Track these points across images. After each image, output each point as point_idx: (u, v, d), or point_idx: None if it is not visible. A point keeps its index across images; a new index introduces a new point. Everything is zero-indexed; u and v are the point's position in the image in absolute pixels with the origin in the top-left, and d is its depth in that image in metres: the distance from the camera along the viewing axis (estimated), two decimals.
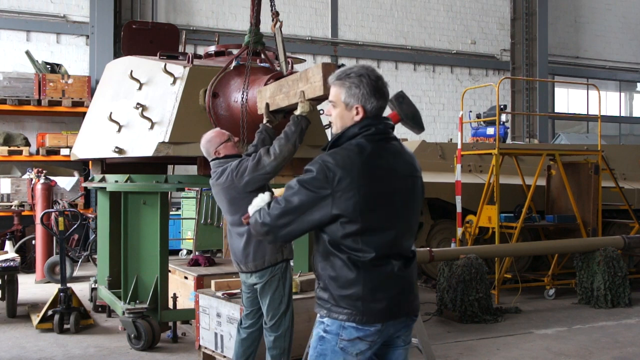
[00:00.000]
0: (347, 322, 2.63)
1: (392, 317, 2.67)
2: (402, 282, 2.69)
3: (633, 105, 21.51)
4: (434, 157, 9.43)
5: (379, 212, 2.63)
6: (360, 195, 2.58)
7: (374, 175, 2.63)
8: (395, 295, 2.66)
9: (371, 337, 2.65)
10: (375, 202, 2.62)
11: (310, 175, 2.60)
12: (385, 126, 2.73)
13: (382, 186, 2.65)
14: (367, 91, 2.69)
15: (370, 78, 2.70)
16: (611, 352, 6.09)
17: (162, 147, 5.77)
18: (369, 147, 2.65)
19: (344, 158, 2.61)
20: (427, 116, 17.20)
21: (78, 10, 13.54)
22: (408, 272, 2.72)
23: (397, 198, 2.70)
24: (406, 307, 2.72)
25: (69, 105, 11.99)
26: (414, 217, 2.80)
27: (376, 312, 2.62)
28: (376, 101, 2.71)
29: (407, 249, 2.75)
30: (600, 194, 8.89)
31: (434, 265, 8.74)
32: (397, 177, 2.71)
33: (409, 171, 2.77)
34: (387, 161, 2.69)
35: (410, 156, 2.82)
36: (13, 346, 6.20)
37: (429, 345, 5.14)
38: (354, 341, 2.64)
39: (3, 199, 11.16)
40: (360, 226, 2.60)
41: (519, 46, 18.15)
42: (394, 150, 2.74)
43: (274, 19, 5.44)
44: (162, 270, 6.14)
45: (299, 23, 15.75)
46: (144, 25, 8.89)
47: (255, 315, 4.57)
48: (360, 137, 2.68)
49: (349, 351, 2.65)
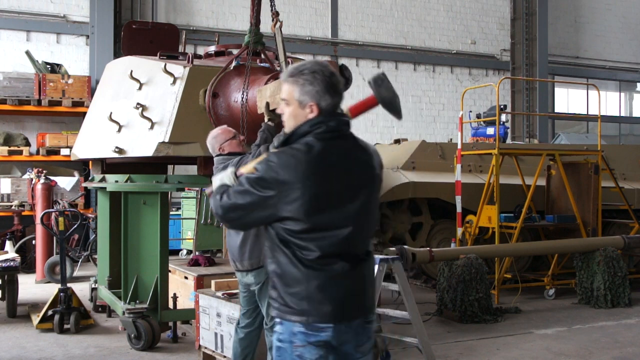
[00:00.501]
0: (297, 327, 2.56)
1: (341, 319, 2.56)
2: (351, 283, 2.59)
3: (633, 105, 21.51)
4: (434, 157, 9.43)
5: (326, 212, 2.55)
6: (306, 196, 2.50)
7: (321, 174, 2.54)
8: (343, 297, 2.56)
9: (324, 342, 2.56)
10: (322, 202, 2.54)
11: (256, 175, 2.55)
12: (338, 123, 2.64)
13: (330, 185, 2.56)
14: (321, 88, 2.61)
15: (324, 74, 2.62)
16: (611, 352, 6.09)
17: (162, 147, 5.77)
18: (318, 146, 2.56)
19: (289, 158, 2.53)
20: (427, 116, 17.21)
21: (78, 10, 13.54)
22: (358, 272, 2.62)
23: (347, 197, 2.60)
24: (357, 309, 2.62)
25: (69, 105, 11.99)
26: (368, 217, 2.68)
27: (322, 313, 2.54)
28: (330, 98, 2.62)
29: (359, 249, 2.64)
30: (600, 194, 8.89)
31: (434, 265, 8.73)
32: (348, 176, 2.61)
33: (363, 169, 2.67)
34: (337, 159, 2.60)
35: (367, 153, 2.72)
36: (13, 346, 6.20)
37: (429, 345, 5.14)
38: (306, 347, 2.56)
39: (3, 199, 11.16)
40: (306, 226, 2.53)
41: (519, 46, 18.15)
42: (347, 148, 2.65)
43: (274, 19, 5.45)
44: (162, 270, 6.14)
45: (299, 23, 15.75)
46: (144, 25, 8.90)
47: (252, 314, 4.57)
48: (310, 136, 2.59)
49: (306, 358, 2.57)
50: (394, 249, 6.48)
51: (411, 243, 9.01)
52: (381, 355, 5.50)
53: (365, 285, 2.66)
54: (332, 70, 2.65)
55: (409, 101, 16.95)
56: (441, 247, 8.89)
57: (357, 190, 2.63)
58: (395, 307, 5.51)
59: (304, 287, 2.54)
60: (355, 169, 2.64)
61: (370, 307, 2.69)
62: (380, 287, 4.97)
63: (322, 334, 2.55)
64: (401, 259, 5.74)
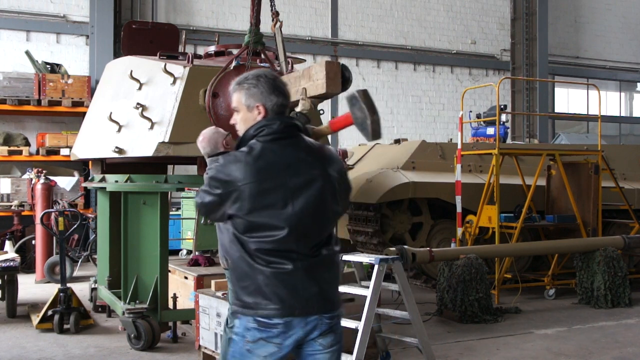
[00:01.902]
0: (250, 323, 2.66)
1: (289, 314, 2.64)
2: (297, 281, 2.65)
3: (633, 105, 21.51)
4: (434, 157, 9.43)
5: (264, 212, 2.65)
6: (245, 196, 2.64)
7: (259, 175, 2.65)
8: (289, 293, 2.64)
9: (276, 339, 2.66)
10: (259, 202, 2.65)
11: (209, 175, 2.73)
12: (283, 125, 2.74)
13: (267, 187, 2.66)
14: (266, 89, 2.76)
15: (267, 77, 2.78)
16: (611, 352, 6.08)
17: (162, 147, 5.77)
18: (258, 147, 2.69)
19: (231, 160, 2.68)
20: (427, 116, 17.21)
21: (78, 10, 13.54)
22: (307, 271, 2.67)
23: (285, 199, 2.67)
24: (309, 306, 2.68)
25: (69, 105, 11.99)
26: (316, 216, 2.73)
27: (270, 308, 2.64)
28: (276, 98, 2.76)
29: (303, 248, 2.69)
30: (600, 194, 8.89)
31: (434, 265, 8.73)
32: (287, 178, 2.68)
33: (308, 170, 2.73)
34: (276, 161, 2.68)
35: (314, 156, 2.77)
36: (13, 346, 6.20)
37: (429, 345, 5.14)
38: (258, 342, 2.66)
39: (3, 199, 11.16)
40: (247, 225, 2.66)
41: (519, 46, 18.15)
42: (289, 150, 2.73)
43: (274, 19, 5.45)
44: (162, 270, 6.14)
45: (299, 23, 15.75)
46: (144, 25, 8.91)
47: None
48: (255, 138, 2.73)
49: (256, 353, 2.67)
50: (394, 249, 6.48)
51: (411, 243, 9.01)
52: (381, 355, 5.50)
53: (319, 283, 2.71)
54: (275, 75, 2.83)
55: (409, 101, 16.96)
56: (441, 247, 8.89)
57: (297, 191, 2.69)
58: (395, 307, 5.51)
59: (252, 282, 2.66)
60: (299, 170, 2.71)
61: (327, 303, 2.75)
62: (379, 286, 4.97)
63: (273, 330, 2.65)
64: (401, 259, 5.74)
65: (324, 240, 2.77)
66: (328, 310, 2.74)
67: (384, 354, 5.50)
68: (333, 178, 2.80)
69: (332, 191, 2.80)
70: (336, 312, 2.79)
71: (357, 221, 9.04)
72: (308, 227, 2.71)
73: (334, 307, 2.78)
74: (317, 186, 2.74)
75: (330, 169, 2.80)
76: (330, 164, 2.81)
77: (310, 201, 2.71)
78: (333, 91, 4.12)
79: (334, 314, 2.78)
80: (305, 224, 2.70)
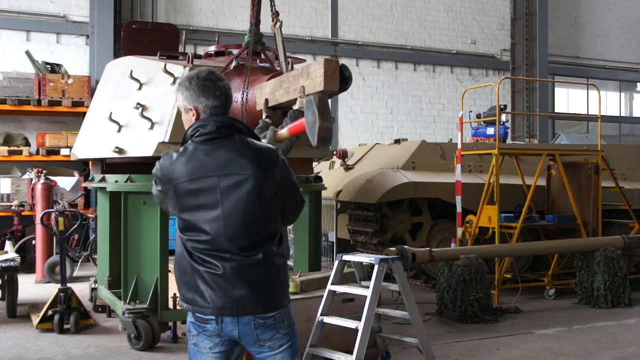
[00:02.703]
0: (189, 317, 2.80)
1: (219, 313, 2.70)
2: (229, 281, 2.68)
3: (633, 105, 21.51)
4: (434, 157, 9.43)
5: (198, 212, 2.71)
6: (176, 196, 2.75)
7: (191, 176, 2.71)
8: (220, 293, 2.69)
9: (210, 332, 2.75)
10: (193, 202, 2.72)
11: (153, 172, 2.86)
12: (217, 126, 2.75)
13: (200, 186, 2.71)
14: (195, 91, 2.79)
15: (199, 78, 2.79)
16: (611, 352, 6.09)
17: (162, 147, 5.77)
18: (191, 148, 2.75)
19: (168, 159, 2.78)
20: (427, 116, 17.21)
21: (78, 10, 13.54)
22: (235, 272, 2.69)
23: (219, 199, 2.70)
24: (238, 307, 2.70)
25: (69, 105, 11.99)
26: (246, 218, 2.72)
27: (202, 305, 2.72)
28: (206, 100, 2.79)
29: (237, 248, 2.70)
30: (600, 194, 8.89)
31: (434, 265, 8.73)
32: (222, 178, 2.71)
33: (240, 171, 2.72)
34: (211, 161, 2.71)
35: (252, 157, 2.75)
36: (13, 346, 6.20)
37: (429, 345, 5.14)
38: (198, 336, 2.79)
39: (3, 199, 11.16)
40: (184, 223, 2.76)
41: (519, 46, 18.15)
42: (225, 150, 2.73)
43: (274, 19, 5.44)
44: (162, 270, 6.14)
45: (299, 23, 15.75)
46: (144, 25, 8.90)
47: None
48: (190, 139, 2.79)
49: (200, 346, 2.79)
50: (394, 249, 6.48)
51: (411, 243, 9.01)
52: (381, 355, 5.50)
53: (250, 284, 2.72)
54: (209, 75, 2.82)
55: (409, 101, 16.96)
56: (441, 247, 8.89)
57: (227, 192, 2.71)
58: (395, 307, 5.51)
59: (190, 279, 2.75)
60: (227, 172, 2.72)
61: (258, 305, 2.74)
62: (379, 286, 4.97)
63: (207, 326, 2.75)
64: (401, 259, 5.74)
65: (260, 241, 2.76)
66: (260, 311, 2.74)
67: (384, 354, 5.50)
68: (271, 180, 2.77)
69: (267, 193, 2.76)
70: (271, 313, 2.76)
71: (357, 221, 9.04)
72: (238, 229, 2.71)
73: (268, 309, 2.76)
74: (248, 187, 2.72)
75: (267, 170, 2.77)
76: (269, 166, 2.79)
77: (240, 202, 2.71)
78: (331, 89, 4.10)
79: (268, 315, 2.76)
80: (235, 226, 2.71)
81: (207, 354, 2.78)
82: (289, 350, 2.81)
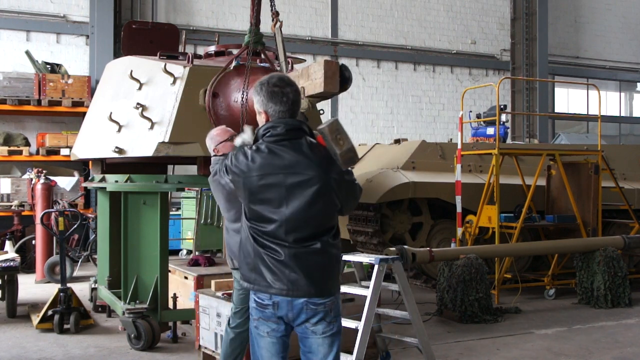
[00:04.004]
0: (252, 302, 3.11)
1: (277, 293, 3.01)
2: (287, 266, 2.99)
3: (633, 105, 21.50)
4: (434, 157, 9.42)
5: (263, 205, 3.04)
6: (245, 188, 3.07)
7: (260, 172, 3.03)
8: (279, 276, 3.00)
9: (268, 316, 3.07)
10: (260, 196, 3.04)
11: (224, 163, 3.19)
12: (286, 129, 3.06)
13: (268, 182, 3.02)
14: (265, 97, 3.09)
15: (268, 85, 3.09)
16: (611, 352, 6.09)
17: (162, 147, 5.77)
18: (262, 147, 3.06)
19: (240, 156, 3.09)
20: (427, 116, 17.21)
21: (78, 10, 13.54)
22: (295, 259, 3.00)
23: (284, 196, 3.02)
24: (294, 289, 3.00)
25: (69, 105, 11.99)
26: (307, 214, 3.02)
27: (262, 285, 3.04)
28: (274, 105, 3.08)
29: (296, 238, 3.01)
30: (600, 194, 8.89)
31: (434, 265, 8.73)
32: (288, 176, 3.01)
33: (305, 170, 3.02)
34: (280, 160, 3.02)
35: (316, 157, 3.04)
36: (13, 346, 6.20)
37: (429, 345, 5.14)
38: (258, 320, 3.10)
39: (3, 199, 11.16)
40: (251, 212, 3.10)
41: (519, 46, 18.15)
42: (293, 150, 3.04)
43: (274, 19, 5.45)
44: (162, 270, 6.14)
45: (299, 23, 15.75)
46: (144, 25, 8.91)
47: (244, 314, 4.55)
48: (261, 138, 3.11)
49: (260, 329, 3.11)
50: (394, 249, 6.48)
51: (411, 243, 9.01)
52: (381, 355, 5.50)
53: (307, 270, 3.02)
54: (276, 82, 3.09)
55: (409, 101, 16.95)
56: (441, 247, 8.89)
57: (292, 190, 3.02)
58: (395, 307, 5.51)
59: (252, 260, 3.08)
60: (294, 171, 3.02)
61: (312, 289, 3.02)
62: (379, 286, 4.97)
63: (266, 311, 3.07)
64: (401, 259, 5.74)
65: (319, 233, 3.06)
66: (312, 295, 3.02)
67: (384, 354, 5.50)
68: (331, 179, 3.06)
69: (328, 192, 3.06)
70: (323, 300, 3.05)
71: (357, 221, 9.03)
72: (298, 223, 3.02)
73: (321, 294, 3.04)
74: (312, 187, 3.02)
75: (328, 170, 3.06)
76: (329, 166, 3.06)
77: (303, 201, 3.01)
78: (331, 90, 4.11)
79: (321, 300, 3.04)
80: (296, 220, 3.02)
81: (265, 337, 3.09)
82: (330, 338, 3.07)
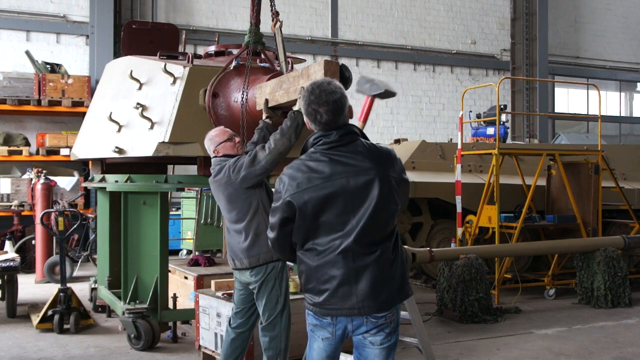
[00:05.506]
0: (309, 315, 3.00)
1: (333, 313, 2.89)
2: (350, 284, 2.85)
3: (633, 105, 21.50)
4: (434, 157, 9.43)
5: (327, 214, 2.87)
6: (302, 201, 2.86)
7: (314, 183, 2.87)
8: (340, 297, 2.86)
9: (325, 325, 2.95)
10: (323, 206, 2.86)
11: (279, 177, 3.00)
12: (339, 135, 2.92)
13: (329, 191, 2.85)
14: (312, 107, 2.94)
15: (313, 92, 2.93)
16: (611, 352, 6.09)
17: (162, 147, 5.77)
18: (317, 156, 2.91)
19: (295, 167, 2.94)
20: (427, 116, 17.21)
21: (78, 10, 13.54)
22: (358, 271, 2.85)
23: (349, 201, 2.86)
24: (352, 313, 2.88)
25: (69, 105, 11.99)
26: (374, 218, 2.87)
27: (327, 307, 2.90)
28: (319, 116, 2.93)
29: (363, 245, 2.85)
30: (600, 194, 8.89)
31: (434, 265, 8.73)
32: (349, 181, 2.86)
33: (366, 173, 2.88)
34: (338, 167, 2.87)
35: (374, 159, 2.91)
36: (13, 346, 6.20)
37: (429, 345, 5.14)
38: (315, 326, 3.00)
39: (3, 199, 11.16)
40: (312, 225, 2.90)
41: (519, 46, 18.15)
42: (350, 155, 2.90)
43: (274, 19, 5.44)
44: (162, 270, 6.14)
45: (299, 23, 15.75)
46: (144, 25, 8.89)
47: (245, 314, 4.56)
48: (313, 147, 2.96)
49: (316, 333, 3.01)
50: None
51: (411, 243, 9.01)
52: None
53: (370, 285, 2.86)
54: (322, 90, 2.93)
55: (409, 101, 16.95)
56: (441, 247, 8.89)
57: (356, 195, 2.87)
58: None
59: (310, 282, 2.94)
60: (354, 175, 2.87)
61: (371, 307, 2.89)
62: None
63: (323, 321, 2.94)
64: None
65: (382, 238, 2.91)
66: (371, 312, 2.88)
67: None
68: (392, 178, 2.94)
69: (390, 191, 2.92)
70: (383, 313, 2.90)
71: None
72: (366, 228, 2.86)
73: (381, 309, 2.89)
74: (375, 189, 2.88)
75: (388, 170, 2.94)
76: (389, 165, 2.96)
77: (368, 203, 2.86)
78: None
79: (382, 314, 2.90)
80: (364, 226, 2.85)
81: (319, 341, 3.00)
82: (387, 350, 2.97)
